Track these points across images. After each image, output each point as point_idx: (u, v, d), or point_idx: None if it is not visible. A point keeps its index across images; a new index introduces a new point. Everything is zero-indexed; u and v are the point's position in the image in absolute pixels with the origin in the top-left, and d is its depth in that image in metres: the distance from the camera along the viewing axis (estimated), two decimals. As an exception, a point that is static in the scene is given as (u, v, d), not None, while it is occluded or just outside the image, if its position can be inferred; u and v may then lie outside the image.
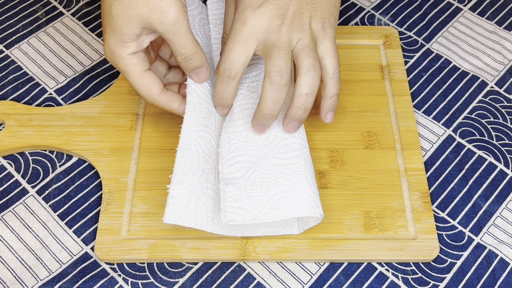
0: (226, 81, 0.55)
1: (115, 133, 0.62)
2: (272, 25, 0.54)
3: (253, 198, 0.53)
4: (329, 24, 0.56)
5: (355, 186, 0.59)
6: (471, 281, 0.56)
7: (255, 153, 0.56)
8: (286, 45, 0.54)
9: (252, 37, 0.54)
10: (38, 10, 0.74)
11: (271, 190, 0.53)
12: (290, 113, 0.56)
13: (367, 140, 0.63)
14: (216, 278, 0.56)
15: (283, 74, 0.53)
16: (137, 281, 0.55)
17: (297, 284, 0.55)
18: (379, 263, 0.57)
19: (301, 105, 0.55)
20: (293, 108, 0.55)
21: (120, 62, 0.55)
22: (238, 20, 0.54)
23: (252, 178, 0.54)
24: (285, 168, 0.55)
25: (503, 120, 0.66)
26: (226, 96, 0.56)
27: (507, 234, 0.59)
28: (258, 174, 0.54)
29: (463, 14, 0.75)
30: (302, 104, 0.55)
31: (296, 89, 0.54)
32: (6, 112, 0.64)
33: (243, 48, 0.54)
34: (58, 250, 0.57)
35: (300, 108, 0.55)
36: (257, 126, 0.56)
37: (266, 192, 0.53)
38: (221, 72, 0.55)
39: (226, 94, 0.56)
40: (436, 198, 0.61)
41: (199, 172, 0.54)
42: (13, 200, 0.60)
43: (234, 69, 0.54)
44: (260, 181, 0.54)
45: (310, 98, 0.55)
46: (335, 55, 0.56)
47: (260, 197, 0.53)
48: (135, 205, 0.58)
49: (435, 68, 0.70)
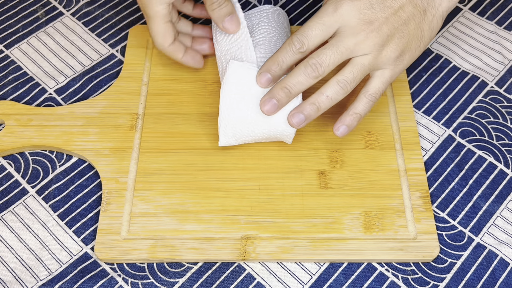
0: (292, 51, 0.55)
1: (115, 133, 0.62)
2: (356, 27, 0.54)
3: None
4: (404, 58, 0.57)
5: (355, 186, 0.59)
6: (471, 281, 0.56)
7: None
8: (346, 50, 0.54)
9: (336, 25, 0.54)
10: (38, 10, 0.74)
11: None
12: (303, 105, 0.56)
13: (367, 140, 0.63)
14: (216, 278, 0.56)
15: (320, 68, 0.54)
16: (137, 281, 0.55)
17: (297, 284, 0.55)
18: (379, 263, 0.57)
19: (316, 102, 0.55)
20: (307, 101, 0.55)
21: (152, 9, 0.59)
22: (332, 4, 0.54)
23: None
24: None
25: (503, 120, 0.66)
26: (282, 65, 0.56)
27: (507, 234, 0.59)
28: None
29: (463, 14, 0.75)
30: (318, 102, 0.55)
31: (322, 87, 0.55)
32: (6, 112, 0.64)
33: (324, 32, 0.54)
34: (58, 250, 0.57)
35: (314, 105, 0.55)
36: (268, 101, 0.56)
37: None
38: (293, 42, 0.54)
39: (283, 64, 0.55)
40: (436, 198, 0.61)
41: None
42: (13, 200, 0.60)
43: (306, 45, 0.54)
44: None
45: (328, 102, 0.55)
46: (385, 83, 0.57)
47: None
48: (135, 205, 0.58)
49: (435, 68, 0.70)
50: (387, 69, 0.56)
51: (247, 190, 0.59)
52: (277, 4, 0.76)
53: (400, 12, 0.55)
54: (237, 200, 0.58)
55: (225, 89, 0.57)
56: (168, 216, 0.57)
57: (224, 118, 0.58)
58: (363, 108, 0.57)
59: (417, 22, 0.56)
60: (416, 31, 0.56)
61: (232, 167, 0.60)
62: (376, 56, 0.55)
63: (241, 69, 0.57)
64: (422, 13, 0.56)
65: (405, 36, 0.56)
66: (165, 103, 0.65)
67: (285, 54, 0.55)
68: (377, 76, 0.56)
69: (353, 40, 0.54)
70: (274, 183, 0.59)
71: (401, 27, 0.55)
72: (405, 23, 0.55)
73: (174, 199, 0.58)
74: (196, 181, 0.59)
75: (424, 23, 0.57)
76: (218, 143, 0.59)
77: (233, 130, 0.58)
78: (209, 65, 0.68)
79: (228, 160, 0.61)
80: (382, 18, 0.54)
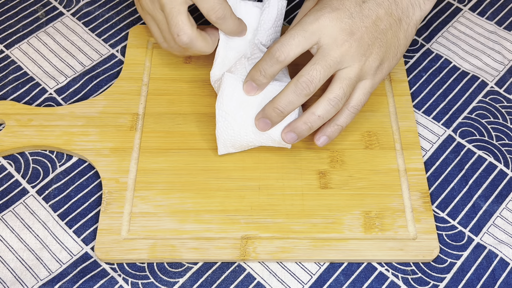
0: (272, 61, 0.55)
1: (115, 133, 0.62)
2: (338, 37, 0.54)
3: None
4: (383, 67, 0.57)
5: (355, 186, 0.59)
6: (471, 281, 0.56)
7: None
8: (334, 63, 0.54)
9: (317, 34, 0.54)
10: (38, 10, 0.74)
11: None
12: (295, 124, 0.56)
13: (367, 140, 0.63)
14: (216, 278, 0.56)
15: (311, 85, 0.54)
16: (137, 281, 0.55)
17: (297, 284, 0.55)
18: (379, 263, 0.57)
19: (308, 122, 0.55)
20: (300, 121, 0.56)
21: (173, 3, 0.56)
22: (313, 14, 0.55)
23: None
24: None
25: (503, 120, 0.66)
26: (264, 74, 0.56)
27: (507, 234, 0.59)
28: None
29: (463, 14, 0.75)
30: (310, 122, 0.55)
31: (313, 106, 0.55)
32: (6, 112, 0.64)
33: (305, 40, 0.54)
34: (58, 250, 0.57)
35: (306, 124, 0.56)
36: (262, 120, 0.56)
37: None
38: (273, 52, 0.54)
39: (265, 73, 0.56)
40: (436, 198, 0.61)
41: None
42: (13, 200, 0.60)
43: (286, 54, 0.54)
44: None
45: (319, 121, 0.56)
46: (366, 94, 0.57)
47: None
48: (135, 205, 0.58)
49: (435, 68, 0.70)
50: (368, 79, 0.57)
51: (247, 190, 0.59)
52: (277, 4, 0.76)
53: (378, 21, 0.56)
54: (237, 200, 0.58)
55: (220, 102, 0.57)
56: (168, 216, 0.57)
57: (222, 132, 0.58)
58: (344, 120, 0.57)
59: (393, 31, 0.57)
60: (393, 40, 0.57)
61: (232, 167, 0.60)
62: (361, 67, 0.55)
63: (235, 82, 0.57)
64: (398, 22, 0.57)
65: (384, 45, 0.56)
66: (165, 103, 0.65)
67: (266, 63, 0.55)
68: (359, 88, 0.57)
69: (338, 51, 0.54)
70: (274, 183, 0.60)
71: (380, 36, 0.56)
72: (383, 32, 0.56)
73: (174, 199, 0.58)
74: (196, 181, 0.59)
75: (400, 32, 0.57)
76: (218, 152, 0.60)
77: (231, 141, 0.59)
78: (210, 65, 0.67)
79: (228, 160, 0.61)
80: (362, 28, 0.55)
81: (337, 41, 0.54)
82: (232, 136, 0.58)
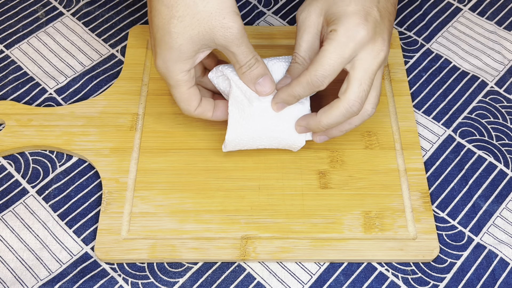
0: (311, 88, 0.54)
1: (115, 133, 0.62)
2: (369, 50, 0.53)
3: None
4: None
5: (355, 186, 0.59)
6: (471, 281, 0.56)
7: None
8: (373, 75, 0.54)
9: (352, 55, 0.53)
10: (38, 10, 0.74)
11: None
12: (331, 132, 0.57)
13: (367, 140, 0.63)
14: (216, 278, 0.56)
15: (361, 104, 0.54)
16: (137, 281, 0.55)
17: (297, 284, 0.55)
18: (379, 263, 0.57)
19: (344, 130, 0.57)
20: (336, 129, 0.57)
21: (173, 78, 0.55)
22: (345, 35, 0.52)
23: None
24: None
25: (503, 120, 0.66)
26: (299, 98, 0.55)
27: (507, 234, 0.59)
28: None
29: (463, 14, 0.75)
30: (346, 130, 0.57)
31: (353, 118, 0.56)
32: (6, 112, 0.64)
33: (343, 64, 0.53)
34: (58, 250, 0.57)
35: (342, 132, 0.57)
36: (300, 128, 0.57)
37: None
38: (314, 79, 0.53)
39: (299, 97, 0.55)
40: (436, 198, 0.61)
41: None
42: (13, 200, 0.60)
43: (326, 82, 0.53)
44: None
45: (350, 131, 0.58)
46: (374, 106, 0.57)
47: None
48: (135, 205, 0.58)
49: (435, 68, 0.70)
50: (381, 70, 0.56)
51: (247, 190, 0.59)
52: (277, 4, 0.76)
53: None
54: (237, 200, 0.58)
55: (231, 110, 0.57)
56: (168, 216, 0.57)
57: (232, 139, 0.57)
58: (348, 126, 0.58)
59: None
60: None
61: (232, 167, 0.60)
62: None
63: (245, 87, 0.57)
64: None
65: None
66: (165, 103, 0.65)
67: (303, 89, 0.54)
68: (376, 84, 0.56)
69: (375, 65, 0.53)
70: (274, 183, 0.60)
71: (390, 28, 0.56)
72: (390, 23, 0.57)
73: (174, 199, 0.58)
74: (196, 181, 0.59)
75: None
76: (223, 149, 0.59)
77: (240, 146, 0.59)
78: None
79: (228, 160, 0.61)
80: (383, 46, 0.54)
81: (369, 53, 0.53)
82: (243, 140, 0.58)
